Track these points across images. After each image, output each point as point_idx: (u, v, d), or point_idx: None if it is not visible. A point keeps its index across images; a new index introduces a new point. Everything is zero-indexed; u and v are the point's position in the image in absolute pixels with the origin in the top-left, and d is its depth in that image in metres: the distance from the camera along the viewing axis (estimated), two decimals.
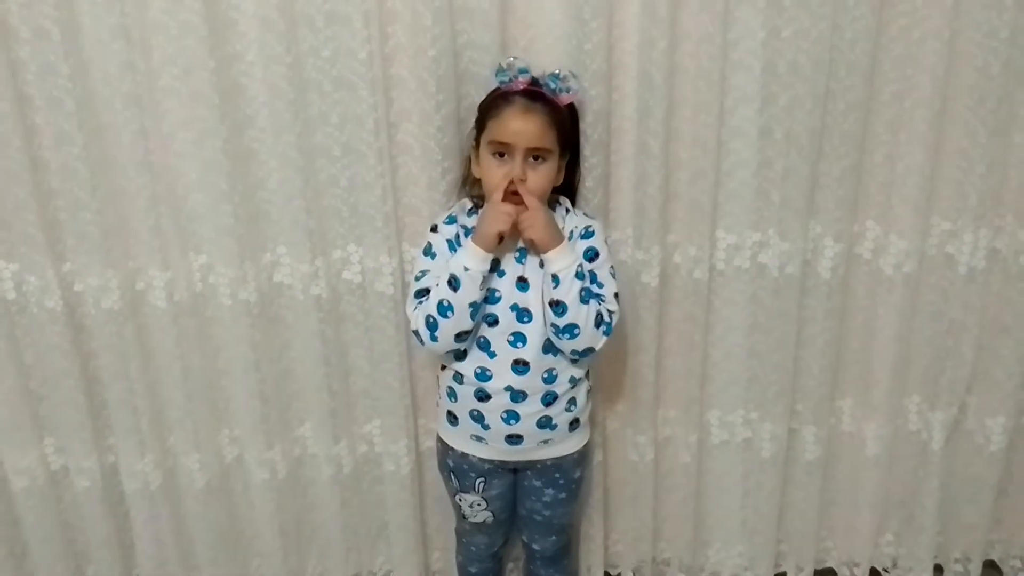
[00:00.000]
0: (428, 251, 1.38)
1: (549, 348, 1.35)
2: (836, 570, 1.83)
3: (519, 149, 1.28)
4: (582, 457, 1.49)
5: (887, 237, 1.56)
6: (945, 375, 1.64)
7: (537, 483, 1.47)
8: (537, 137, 1.28)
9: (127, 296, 1.49)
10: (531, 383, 1.36)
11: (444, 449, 1.49)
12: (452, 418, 1.43)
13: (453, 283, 1.29)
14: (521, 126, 1.28)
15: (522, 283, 1.35)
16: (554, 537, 1.54)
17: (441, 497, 1.66)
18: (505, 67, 1.32)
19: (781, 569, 1.82)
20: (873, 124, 1.48)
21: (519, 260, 1.36)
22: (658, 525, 1.79)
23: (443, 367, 1.44)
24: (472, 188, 1.44)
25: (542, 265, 1.32)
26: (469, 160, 1.40)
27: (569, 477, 1.48)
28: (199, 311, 1.52)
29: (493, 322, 1.34)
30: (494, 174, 1.31)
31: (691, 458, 1.69)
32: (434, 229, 1.39)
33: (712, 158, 1.46)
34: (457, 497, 1.50)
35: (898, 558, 1.81)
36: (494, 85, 1.33)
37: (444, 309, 1.30)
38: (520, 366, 1.35)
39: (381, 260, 1.51)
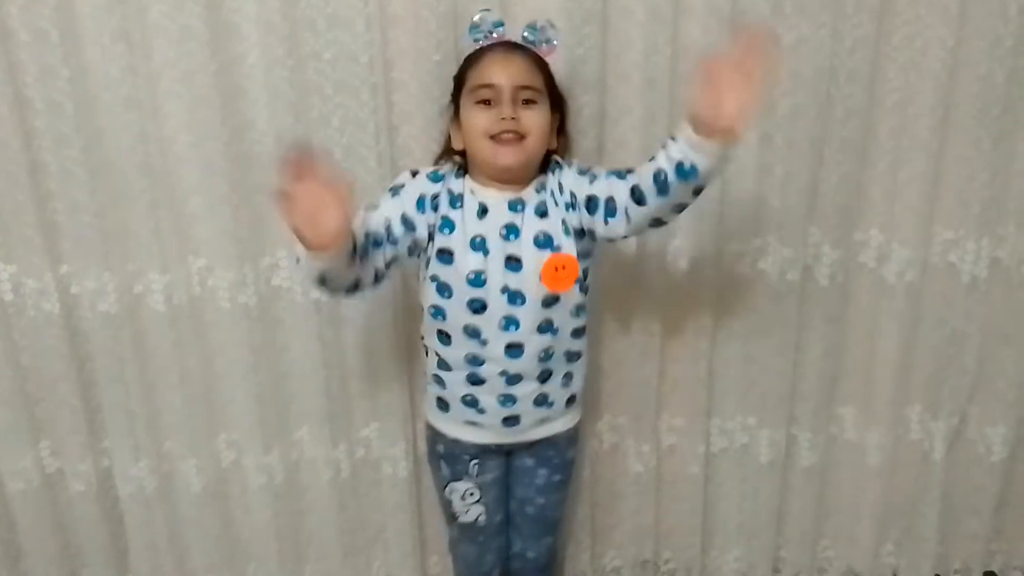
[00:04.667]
0: (395, 192, 1.25)
1: (545, 328, 1.26)
2: None
3: (506, 88, 1.18)
4: (576, 435, 1.45)
5: (889, 245, 1.55)
6: (947, 384, 1.64)
7: (530, 462, 1.41)
8: (524, 74, 1.20)
9: (124, 299, 1.48)
10: (527, 365, 1.28)
11: (434, 436, 1.41)
12: (443, 404, 1.35)
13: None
14: (504, 65, 1.20)
15: (513, 263, 1.23)
16: (548, 539, 1.50)
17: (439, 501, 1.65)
18: (478, 22, 1.24)
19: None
20: (876, 132, 1.48)
21: (507, 236, 1.23)
22: (655, 531, 1.78)
23: (424, 351, 1.36)
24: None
25: (541, 245, 1.22)
26: (448, 139, 1.31)
27: (563, 456, 1.44)
28: (197, 314, 1.52)
29: (480, 308, 1.24)
30: (479, 120, 1.20)
31: (698, 468, 1.69)
32: (414, 174, 1.27)
33: None
34: (448, 489, 1.41)
35: (898, 568, 1.80)
36: (469, 45, 1.26)
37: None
38: (514, 349, 1.26)
39: None
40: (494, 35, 1.25)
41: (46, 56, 1.33)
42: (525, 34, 1.25)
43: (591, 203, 1.23)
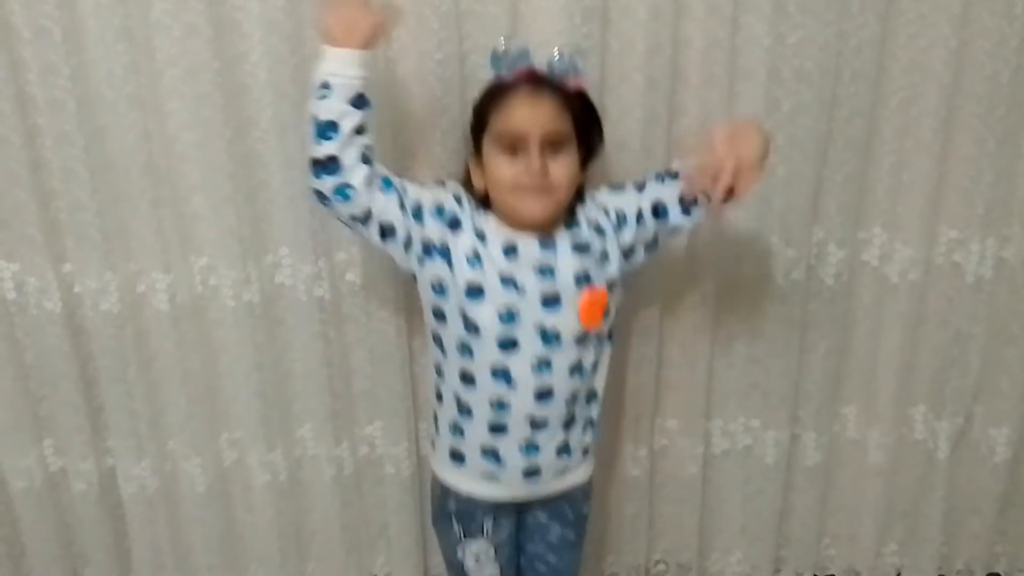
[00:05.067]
0: (423, 185, 1.23)
1: (575, 369, 1.22)
2: None
3: (533, 137, 1.12)
4: (590, 488, 1.39)
5: (892, 244, 1.55)
6: (951, 384, 1.63)
7: (543, 517, 1.35)
8: (552, 120, 1.13)
9: (126, 298, 1.48)
10: (554, 410, 1.23)
11: (444, 493, 1.33)
12: (457, 456, 1.28)
13: (323, 89, 1.10)
14: (531, 111, 1.13)
15: (551, 302, 1.18)
16: None
17: None
18: (500, 53, 1.17)
19: None
20: (880, 132, 1.47)
21: (542, 275, 1.18)
22: (656, 533, 1.78)
23: (440, 397, 1.29)
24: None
25: (580, 282, 1.19)
26: (467, 172, 1.25)
27: (578, 511, 1.38)
28: (200, 313, 1.51)
29: (511, 346, 1.18)
30: (505, 171, 1.15)
31: (696, 469, 1.69)
32: (441, 184, 1.24)
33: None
34: (459, 549, 1.33)
35: (901, 568, 1.80)
36: (490, 76, 1.20)
37: (323, 128, 1.11)
38: (544, 393, 1.21)
39: (383, 263, 1.50)
40: (518, 67, 1.17)
41: (48, 54, 1.32)
42: (551, 66, 1.18)
43: (658, 209, 1.22)
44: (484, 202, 1.23)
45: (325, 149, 1.11)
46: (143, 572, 1.71)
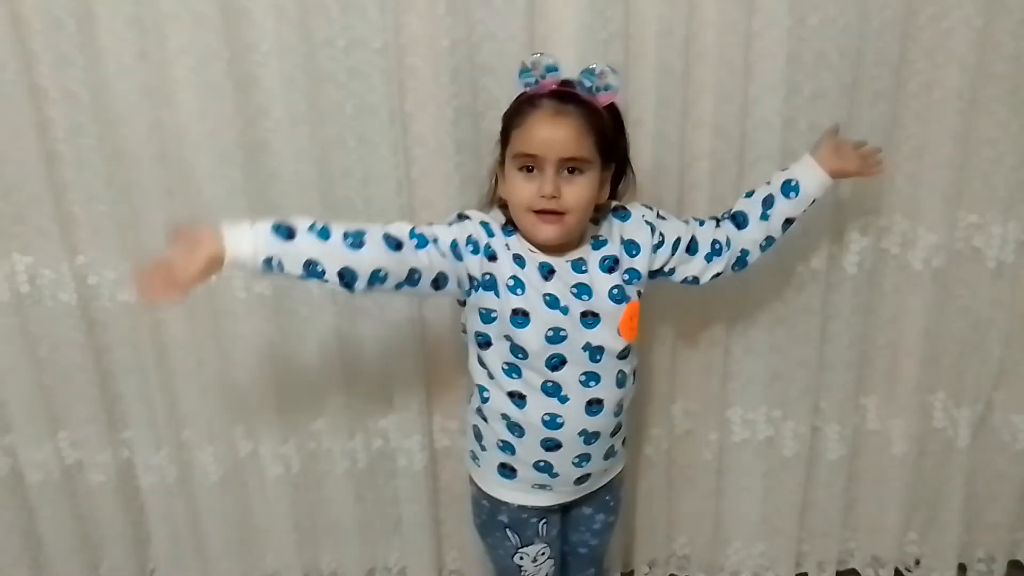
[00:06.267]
0: (450, 223, 1.20)
1: (621, 380, 1.25)
2: (860, 571, 1.80)
3: (550, 161, 1.11)
4: (624, 472, 1.43)
5: (915, 231, 1.53)
6: (971, 371, 1.62)
7: (588, 510, 1.38)
8: (570, 145, 1.11)
9: None
10: (604, 421, 1.25)
11: (494, 507, 1.32)
12: (507, 471, 1.28)
13: (273, 267, 1.09)
14: (550, 133, 1.11)
15: (590, 318, 1.20)
16: (593, 570, 1.47)
17: (458, 497, 1.64)
18: (530, 65, 1.13)
19: (802, 569, 1.79)
20: (901, 115, 1.45)
21: (579, 295, 1.20)
22: (676, 523, 1.77)
23: (483, 416, 1.28)
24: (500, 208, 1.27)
25: (617, 299, 1.20)
26: (495, 178, 1.24)
27: (616, 496, 1.42)
28: (214, 304, 1.51)
29: (559, 364, 1.20)
30: (520, 191, 1.14)
31: (711, 455, 1.67)
32: (463, 217, 1.21)
33: (735, 149, 1.44)
34: (518, 556, 1.34)
35: (921, 557, 1.79)
36: (519, 89, 1.16)
37: (310, 274, 1.10)
38: (595, 406, 1.23)
39: None
40: (547, 79, 1.14)
41: (61, 44, 1.32)
42: (582, 80, 1.14)
43: (693, 244, 1.28)
44: (509, 218, 1.22)
45: (330, 279, 1.11)
46: (161, 562, 1.71)
